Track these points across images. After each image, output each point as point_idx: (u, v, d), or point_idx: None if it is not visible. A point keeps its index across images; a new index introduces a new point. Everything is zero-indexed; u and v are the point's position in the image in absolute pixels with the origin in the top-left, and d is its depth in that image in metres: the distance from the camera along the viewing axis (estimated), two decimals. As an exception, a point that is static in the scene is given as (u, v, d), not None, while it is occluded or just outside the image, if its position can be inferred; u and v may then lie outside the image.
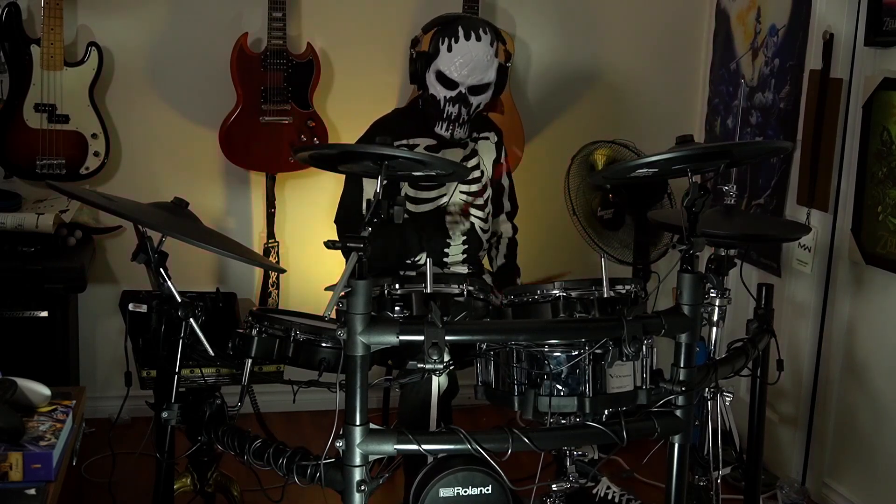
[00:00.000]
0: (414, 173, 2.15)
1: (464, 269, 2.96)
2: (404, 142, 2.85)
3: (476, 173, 2.95)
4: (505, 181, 3.08)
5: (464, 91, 2.79)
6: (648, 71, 3.98)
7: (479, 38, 2.77)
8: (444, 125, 2.83)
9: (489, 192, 3.00)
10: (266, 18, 3.42)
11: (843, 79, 3.07)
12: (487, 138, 2.98)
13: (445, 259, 2.92)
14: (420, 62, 2.83)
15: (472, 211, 2.95)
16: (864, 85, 2.96)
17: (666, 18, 3.97)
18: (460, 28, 2.77)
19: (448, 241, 2.90)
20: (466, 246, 2.94)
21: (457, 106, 2.80)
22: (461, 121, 2.84)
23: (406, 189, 2.84)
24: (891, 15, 2.84)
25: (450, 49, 2.75)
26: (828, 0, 3.16)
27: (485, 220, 2.98)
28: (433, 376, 2.35)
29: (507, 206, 3.09)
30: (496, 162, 3.03)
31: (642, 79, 3.98)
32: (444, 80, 2.78)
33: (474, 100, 2.82)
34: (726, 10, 3.80)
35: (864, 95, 2.95)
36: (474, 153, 2.95)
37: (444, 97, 2.79)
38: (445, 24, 2.82)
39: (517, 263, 3.14)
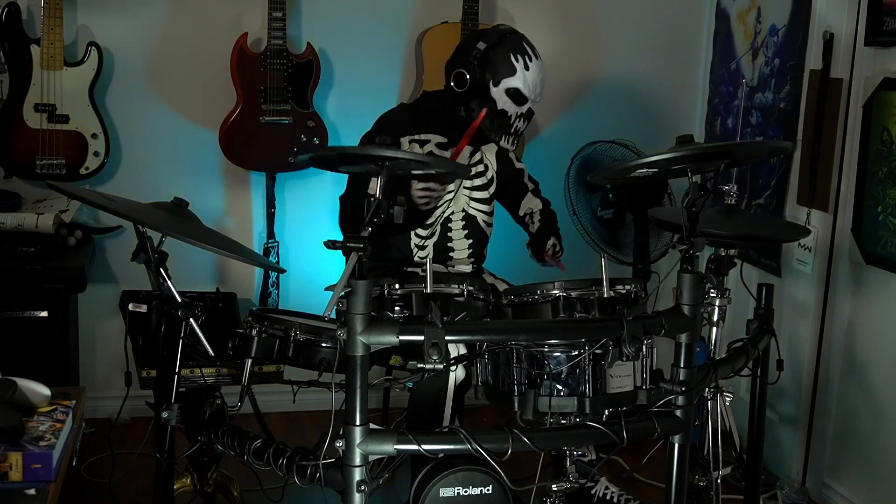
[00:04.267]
0: (413, 172, 2.16)
1: (468, 266, 2.98)
2: (416, 137, 2.86)
3: (480, 167, 2.99)
4: (520, 164, 3.16)
5: (532, 107, 2.87)
6: (648, 71, 3.98)
7: (539, 58, 2.85)
8: (512, 139, 2.89)
9: (494, 187, 3.04)
10: (266, 18, 3.42)
11: (843, 79, 3.07)
12: (507, 150, 3.03)
13: (451, 254, 2.94)
14: (483, 75, 2.80)
15: (475, 205, 2.98)
16: (864, 85, 2.96)
17: (666, 18, 3.97)
18: (526, 45, 2.84)
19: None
20: (471, 241, 2.96)
21: (525, 121, 2.88)
22: (521, 134, 2.92)
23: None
24: (891, 15, 2.84)
25: (527, 68, 2.80)
26: (828, 0, 3.16)
27: (489, 214, 3.02)
28: (450, 370, 2.36)
29: (530, 185, 3.16)
30: (498, 154, 3.07)
31: (642, 79, 3.98)
32: (517, 96, 2.81)
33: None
34: (726, 10, 3.80)
35: (864, 95, 2.95)
36: (478, 151, 2.98)
37: (517, 112, 2.84)
38: (510, 37, 2.84)
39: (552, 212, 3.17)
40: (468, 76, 2.80)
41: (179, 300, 2.18)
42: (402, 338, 1.85)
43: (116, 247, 3.59)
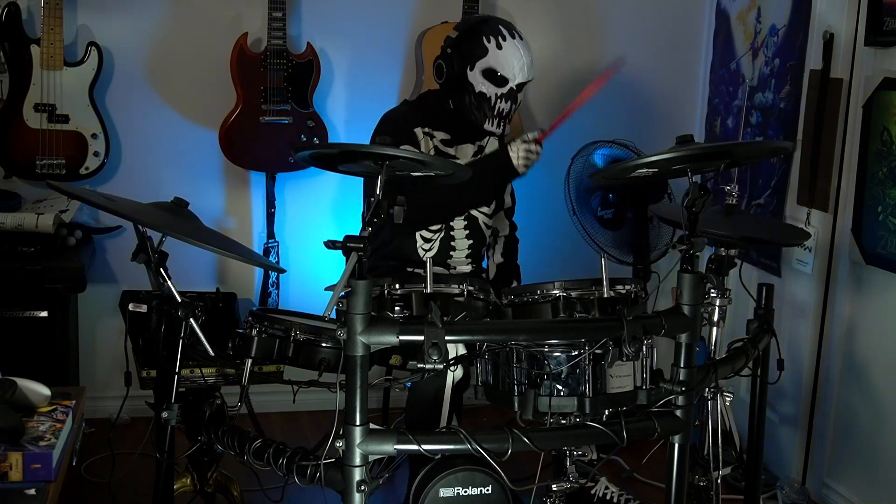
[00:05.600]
0: (413, 173, 2.15)
1: (467, 266, 2.98)
2: (427, 129, 2.86)
3: None
4: None
5: (514, 87, 2.83)
6: (648, 71, 3.98)
7: (521, 38, 2.84)
8: (496, 122, 2.87)
9: None
10: (266, 18, 3.42)
11: (843, 79, 3.07)
12: (493, 134, 3.02)
13: (452, 253, 2.94)
14: (458, 62, 2.81)
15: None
16: (864, 85, 2.96)
17: (666, 18, 3.97)
18: (501, 27, 2.82)
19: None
20: (471, 241, 2.96)
21: (508, 102, 2.85)
22: (509, 117, 2.89)
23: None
24: (891, 15, 2.84)
25: (500, 47, 2.79)
26: (828, 0, 3.16)
27: (489, 216, 3.02)
28: (448, 369, 2.36)
29: (507, 201, 3.13)
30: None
31: (642, 79, 3.98)
32: (494, 77, 2.80)
33: (519, 96, 2.87)
34: (726, 10, 3.80)
35: (864, 95, 2.95)
36: (481, 149, 2.99)
37: (496, 94, 2.82)
38: (483, 23, 2.84)
39: (517, 264, 3.14)
40: (444, 67, 2.81)
41: (179, 300, 2.18)
42: (402, 338, 1.85)
43: (116, 247, 3.58)
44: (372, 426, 1.88)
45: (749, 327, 2.67)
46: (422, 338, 1.84)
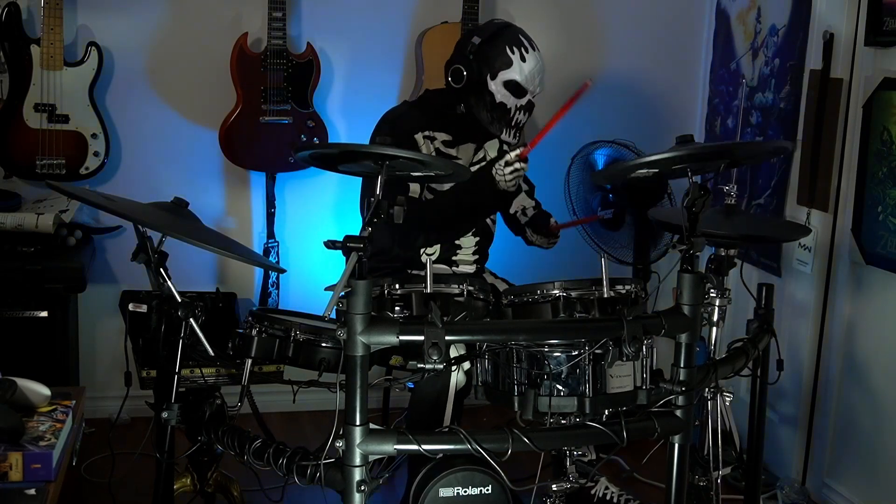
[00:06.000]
0: (414, 173, 2.16)
1: (472, 265, 2.98)
2: (428, 133, 2.87)
3: (483, 165, 3.00)
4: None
5: (532, 99, 2.87)
6: (648, 71, 3.98)
7: (537, 49, 2.86)
8: (513, 132, 2.89)
9: None
10: (266, 18, 3.42)
11: (843, 79, 3.07)
12: (509, 144, 3.03)
13: (458, 251, 2.95)
14: (479, 69, 2.81)
15: None
16: (864, 85, 2.96)
17: (666, 18, 3.97)
18: (522, 38, 2.84)
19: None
20: (478, 238, 2.97)
21: (525, 114, 2.88)
22: (522, 127, 2.91)
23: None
24: (891, 15, 2.84)
25: (523, 59, 2.80)
26: (828, 0, 3.16)
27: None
28: (451, 372, 2.36)
29: (525, 186, 3.16)
30: (499, 151, 3.07)
31: (642, 79, 3.98)
32: (516, 88, 2.81)
33: (533, 107, 2.90)
34: (726, 10, 3.80)
35: (864, 95, 2.95)
36: (481, 148, 2.99)
37: (516, 105, 2.84)
38: (504, 30, 2.85)
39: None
40: (465, 72, 2.81)
41: (179, 300, 2.18)
42: (402, 338, 1.85)
43: (116, 247, 3.59)
44: (372, 426, 1.89)
45: (749, 327, 2.67)
46: (422, 338, 1.84)
